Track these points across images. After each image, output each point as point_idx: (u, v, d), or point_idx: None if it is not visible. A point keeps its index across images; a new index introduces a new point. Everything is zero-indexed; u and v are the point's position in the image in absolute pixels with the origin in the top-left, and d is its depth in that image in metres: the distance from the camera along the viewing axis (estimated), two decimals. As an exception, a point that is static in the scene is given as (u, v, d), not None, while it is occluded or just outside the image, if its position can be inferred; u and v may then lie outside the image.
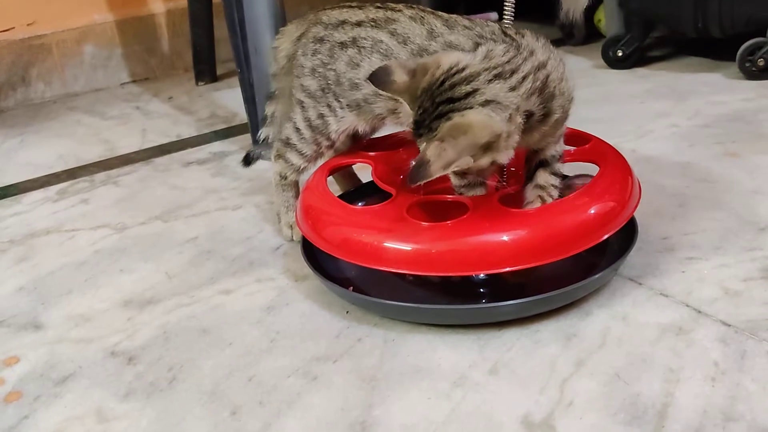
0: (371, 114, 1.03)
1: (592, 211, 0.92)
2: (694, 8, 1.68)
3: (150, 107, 1.96)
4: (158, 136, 1.72)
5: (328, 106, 1.05)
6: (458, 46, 0.92)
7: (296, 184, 1.15)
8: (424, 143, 0.84)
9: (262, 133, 1.21)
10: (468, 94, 0.83)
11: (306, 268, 1.02)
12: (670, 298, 0.93)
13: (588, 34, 2.09)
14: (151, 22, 2.20)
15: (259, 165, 1.29)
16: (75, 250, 1.21)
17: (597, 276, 0.91)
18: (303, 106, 1.07)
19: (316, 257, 1.02)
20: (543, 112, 0.88)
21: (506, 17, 0.96)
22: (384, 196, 0.99)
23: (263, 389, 0.84)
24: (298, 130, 1.09)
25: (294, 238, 1.15)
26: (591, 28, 2.10)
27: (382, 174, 1.04)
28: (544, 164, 0.95)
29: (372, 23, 1.01)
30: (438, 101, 0.84)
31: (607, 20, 1.93)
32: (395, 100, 0.92)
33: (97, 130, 1.81)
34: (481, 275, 0.97)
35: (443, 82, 0.84)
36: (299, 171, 1.13)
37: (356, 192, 1.17)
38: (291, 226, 1.15)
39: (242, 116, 1.64)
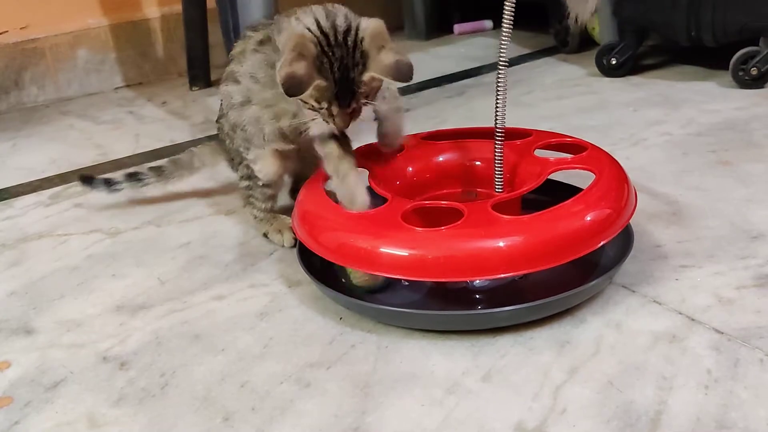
0: (265, 136, 1.10)
1: (588, 218, 0.92)
2: (687, 17, 1.69)
3: (143, 112, 1.96)
4: (152, 140, 1.72)
5: (245, 158, 1.15)
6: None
7: (271, 208, 1.19)
8: (364, 76, 0.92)
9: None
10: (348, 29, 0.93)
11: (299, 274, 1.02)
12: (663, 305, 0.93)
13: (582, 42, 2.10)
14: (145, 27, 2.20)
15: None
16: (67, 254, 1.21)
17: (592, 283, 0.92)
18: (242, 172, 1.18)
19: (312, 262, 1.01)
20: None
21: (505, 25, 0.96)
22: (380, 200, 1.00)
23: (256, 395, 0.84)
24: (248, 186, 1.18)
25: (285, 243, 1.15)
26: (585, 35, 2.10)
27: (378, 179, 1.04)
28: None
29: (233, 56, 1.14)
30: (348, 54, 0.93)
31: (601, 28, 1.94)
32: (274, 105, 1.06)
33: (90, 135, 1.81)
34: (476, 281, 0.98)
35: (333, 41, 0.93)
36: (265, 210, 1.18)
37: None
38: (279, 231, 1.16)
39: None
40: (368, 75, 0.93)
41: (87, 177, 1.33)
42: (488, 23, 2.47)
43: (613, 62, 1.83)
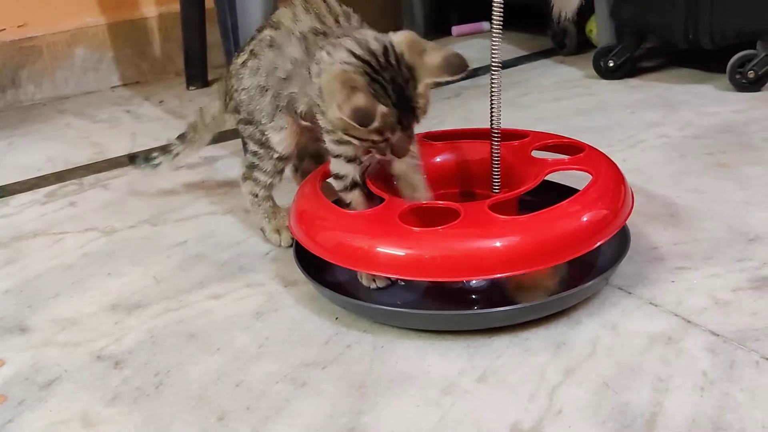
0: (294, 113, 1.07)
1: (585, 219, 0.92)
2: (685, 20, 1.69)
3: (140, 111, 1.95)
4: (149, 140, 1.71)
5: (261, 122, 1.10)
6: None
7: (270, 196, 1.16)
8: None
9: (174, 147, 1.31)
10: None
11: (296, 274, 1.02)
12: (659, 307, 0.93)
13: (579, 44, 2.10)
14: (142, 26, 2.20)
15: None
16: (63, 253, 1.20)
17: (588, 284, 0.92)
18: (249, 135, 1.13)
19: (308, 262, 1.01)
20: None
21: (495, 26, 0.96)
22: (377, 200, 0.99)
23: (251, 395, 0.84)
24: (255, 153, 1.13)
25: (282, 243, 1.15)
26: (582, 38, 2.10)
27: (375, 179, 1.04)
28: None
29: (260, 29, 1.10)
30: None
31: (599, 30, 1.94)
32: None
33: (86, 133, 1.80)
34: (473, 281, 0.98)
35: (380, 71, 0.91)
36: (268, 187, 1.15)
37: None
38: (277, 230, 1.16)
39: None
40: (422, 84, 0.91)
41: (131, 156, 1.36)
42: (486, 25, 2.47)
43: (611, 64, 1.83)
